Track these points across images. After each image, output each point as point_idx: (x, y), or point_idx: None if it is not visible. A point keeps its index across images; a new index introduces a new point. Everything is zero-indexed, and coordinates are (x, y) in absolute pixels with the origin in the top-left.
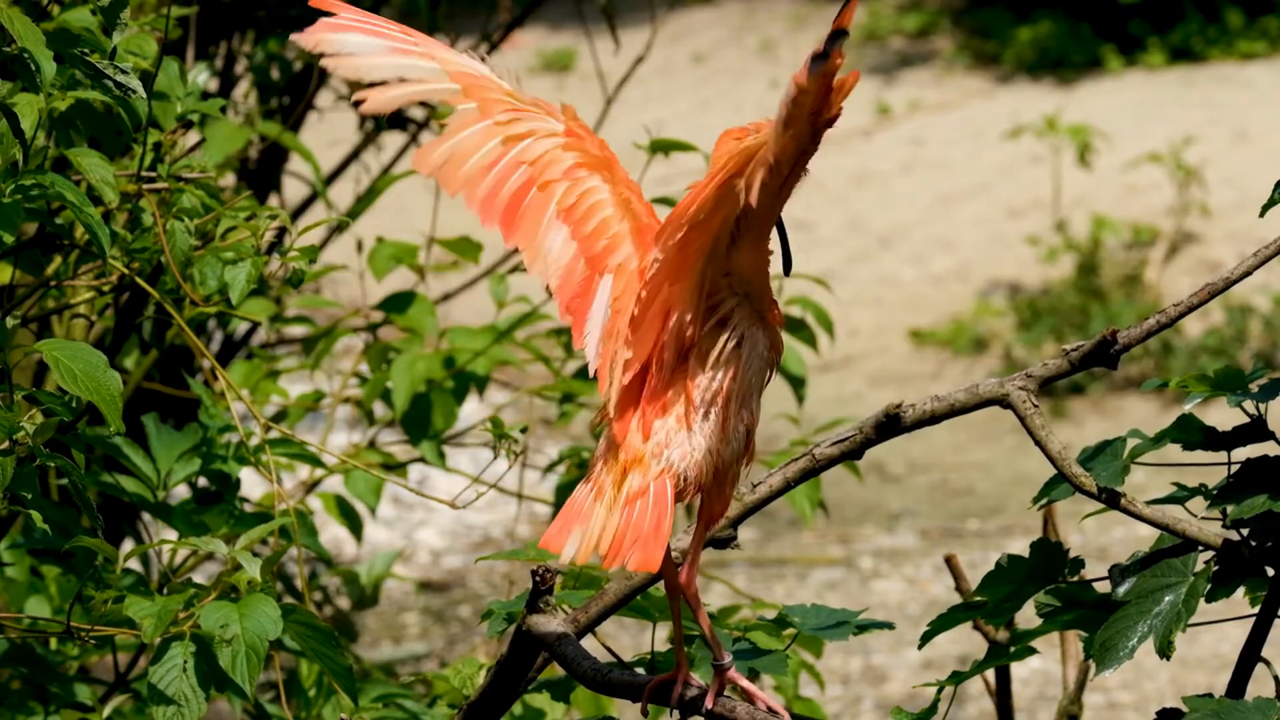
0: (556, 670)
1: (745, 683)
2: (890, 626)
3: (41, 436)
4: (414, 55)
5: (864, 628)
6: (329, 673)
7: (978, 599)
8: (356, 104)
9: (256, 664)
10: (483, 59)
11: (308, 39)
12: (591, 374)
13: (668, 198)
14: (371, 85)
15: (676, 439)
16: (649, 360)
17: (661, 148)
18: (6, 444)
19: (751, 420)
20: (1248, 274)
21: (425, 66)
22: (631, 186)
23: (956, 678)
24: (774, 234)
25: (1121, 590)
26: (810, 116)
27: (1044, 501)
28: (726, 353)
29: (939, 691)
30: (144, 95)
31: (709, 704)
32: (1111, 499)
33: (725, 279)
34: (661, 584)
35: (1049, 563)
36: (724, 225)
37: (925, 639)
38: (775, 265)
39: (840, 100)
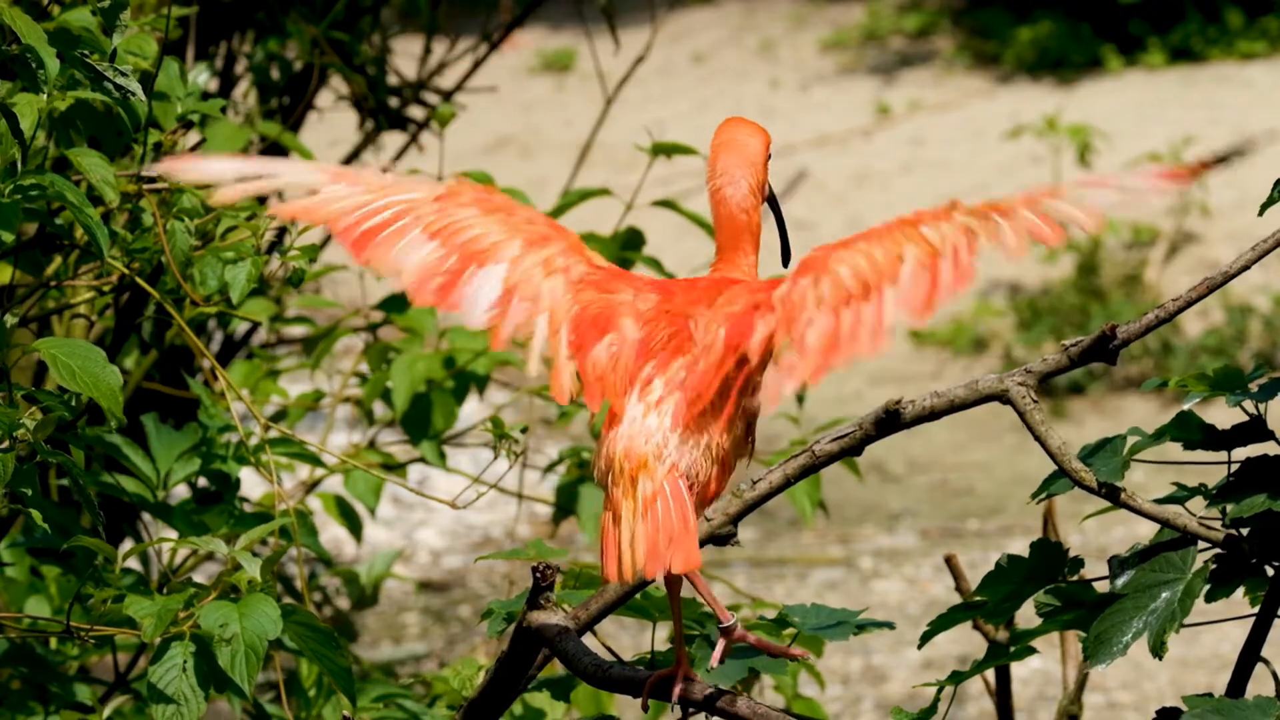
0: (556, 669)
1: (754, 638)
2: (890, 626)
3: (42, 432)
4: (291, 168)
5: (864, 627)
6: (328, 674)
7: (977, 599)
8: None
9: (255, 663)
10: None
11: (163, 165)
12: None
13: (669, 200)
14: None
15: (673, 440)
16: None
17: (662, 151)
18: (6, 441)
19: (751, 409)
20: (1246, 268)
21: (292, 170)
22: (527, 214)
23: (956, 677)
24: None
25: (1120, 582)
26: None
27: (1043, 496)
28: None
29: (939, 691)
30: (144, 98)
31: (714, 663)
32: (1111, 494)
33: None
34: (661, 581)
35: (1049, 563)
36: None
37: (924, 639)
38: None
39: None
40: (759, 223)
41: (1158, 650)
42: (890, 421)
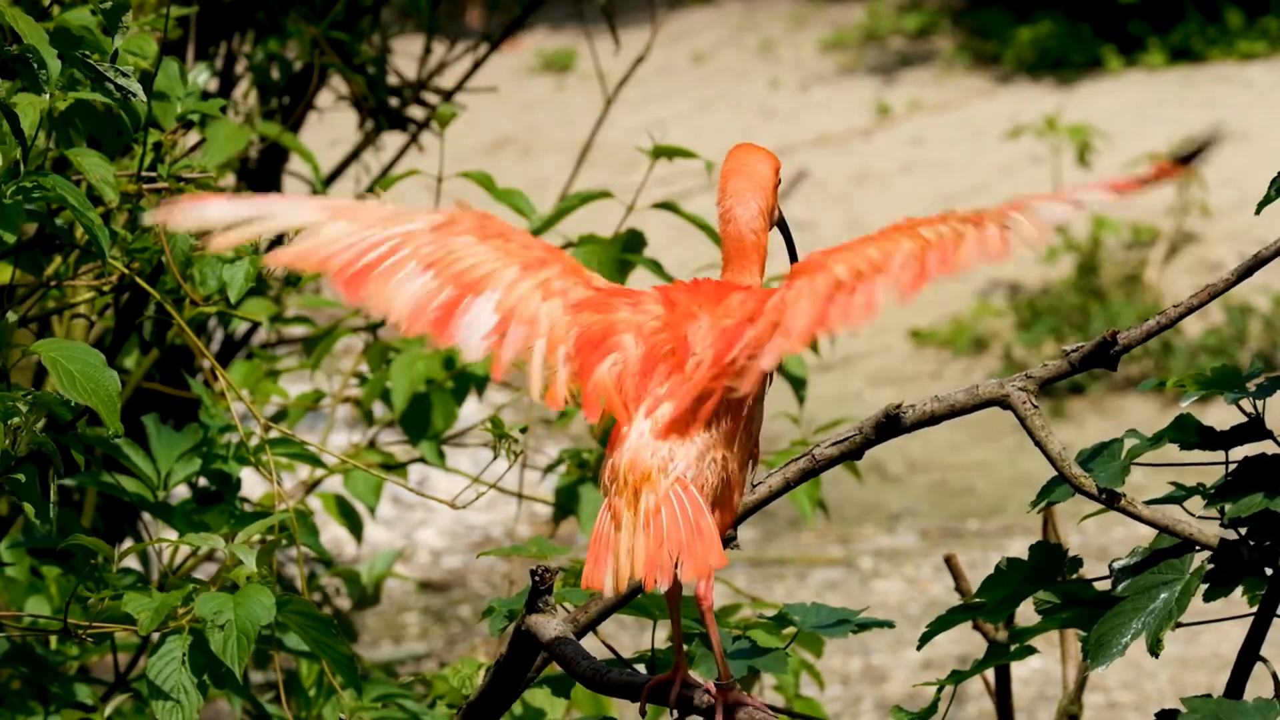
0: (553, 668)
1: (750, 700)
2: (890, 625)
3: (36, 415)
4: (288, 208)
5: (864, 625)
6: (330, 662)
7: (977, 600)
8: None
9: (247, 646)
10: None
11: (160, 213)
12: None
13: (670, 202)
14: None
15: (681, 451)
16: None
17: (663, 153)
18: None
19: (756, 427)
20: (1246, 275)
21: (289, 210)
22: (523, 240)
23: (956, 677)
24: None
25: (1121, 588)
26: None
27: (1043, 505)
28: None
29: (939, 691)
30: (144, 98)
31: None
32: (1111, 500)
33: None
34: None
35: (1048, 564)
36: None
37: (924, 640)
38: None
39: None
40: (766, 245)
41: (1154, 649)
42: (891, 426)
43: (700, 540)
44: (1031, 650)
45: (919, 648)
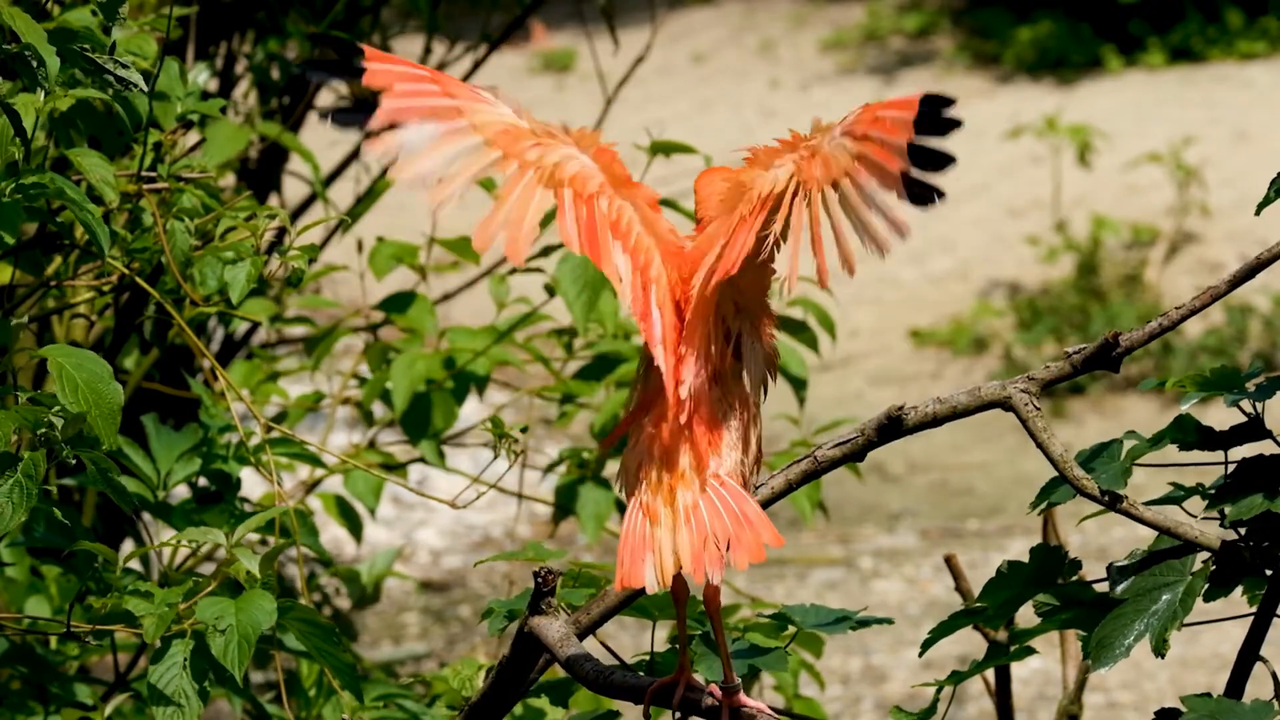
0: (557, 671)
1: (754, 703)
2: (889, 621)
3: (71, 430)
4: (459, 138)
5: (864, 623)
6: (331, 669)
7: (978, 605)
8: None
9: (247, 650)
10: (495, 92)
11: (374, 147)
12: (657, 388)
13: (670, 200)
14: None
15: (711, 452)
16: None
17: (662, 149)
18: (13, 440)
19: (760, 431)
20: (1247, 278)
21: (469, 145)
22: (649, 198)
23: (956, 678)
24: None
25: (1120, 589)
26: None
27: (1044, 506)
28: (739, 370)
29: (938, 691)
30: (145, 89)
31: None
32: (1114, 502)
33: (733, 302)
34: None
35: (1048, 567)
36: (749, 264)
37: (925, 646)
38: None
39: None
40: None
41: (1160, 649)
42: (893, 428)
43: (749, 526)
44: (1031, 651)
45: (921, 654)
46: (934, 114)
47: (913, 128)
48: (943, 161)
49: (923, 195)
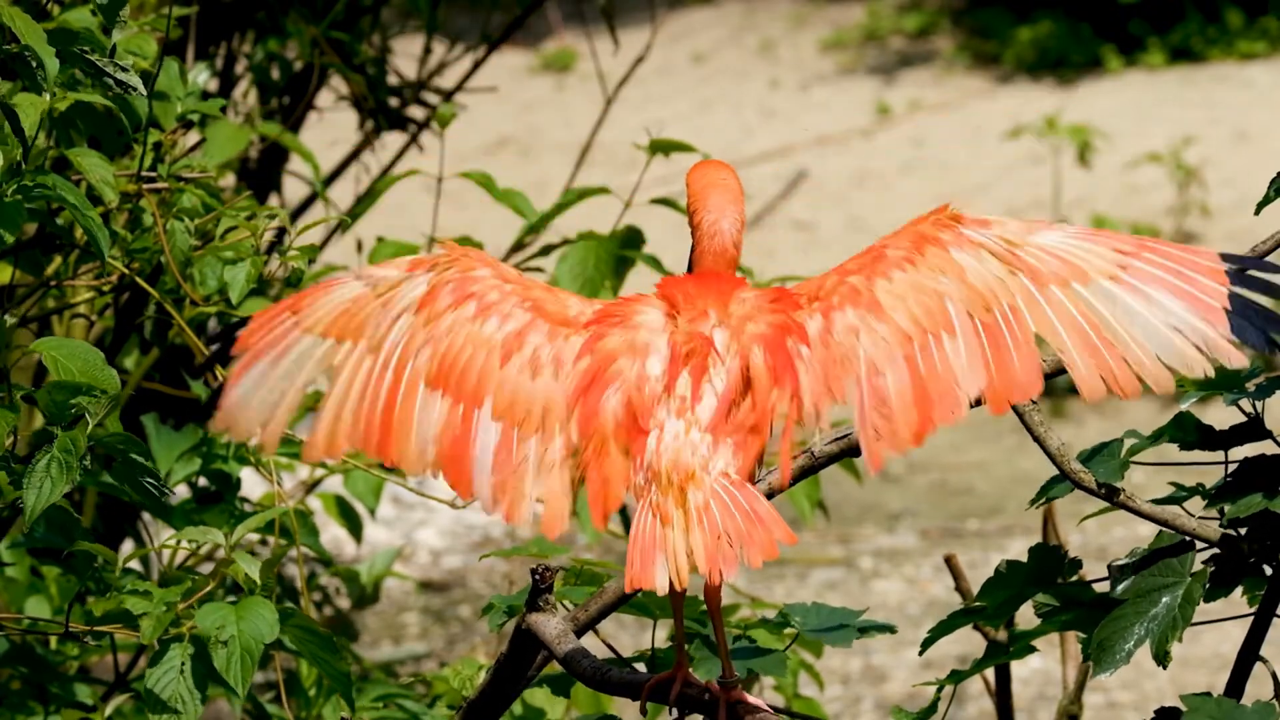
0: (554, 667)
1: (752, 699)
2: (892, 630)
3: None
4: (285, 355)
5: (865, 631)
6: (329, 678)
7: (977, 604)
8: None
9: (250, 666)
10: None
11: (218, 428)
12: (490, 510)
13: (668, 199)
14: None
15: (716, 452)
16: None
17: (661, 149)
18: (11, 439)
19: (760, 451)
20: None
21: (295, 356)
22: (509, 277)
23: (955, 677)
24: None
25: (1120, 589)
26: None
27: (1043, 501)
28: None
29: (938, 691)
30: (144, 92)
31: None
32: (1110, 495)
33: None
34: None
35: (1048, 566)
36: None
37: (925, 645)
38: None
39: None
40: (738, 258)
41: (1161, 660)
42: None
43: (761, 525)
44: (1031, 649)
45: (920, 653)
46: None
47: (1223, 275)
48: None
49: (1257, 335)
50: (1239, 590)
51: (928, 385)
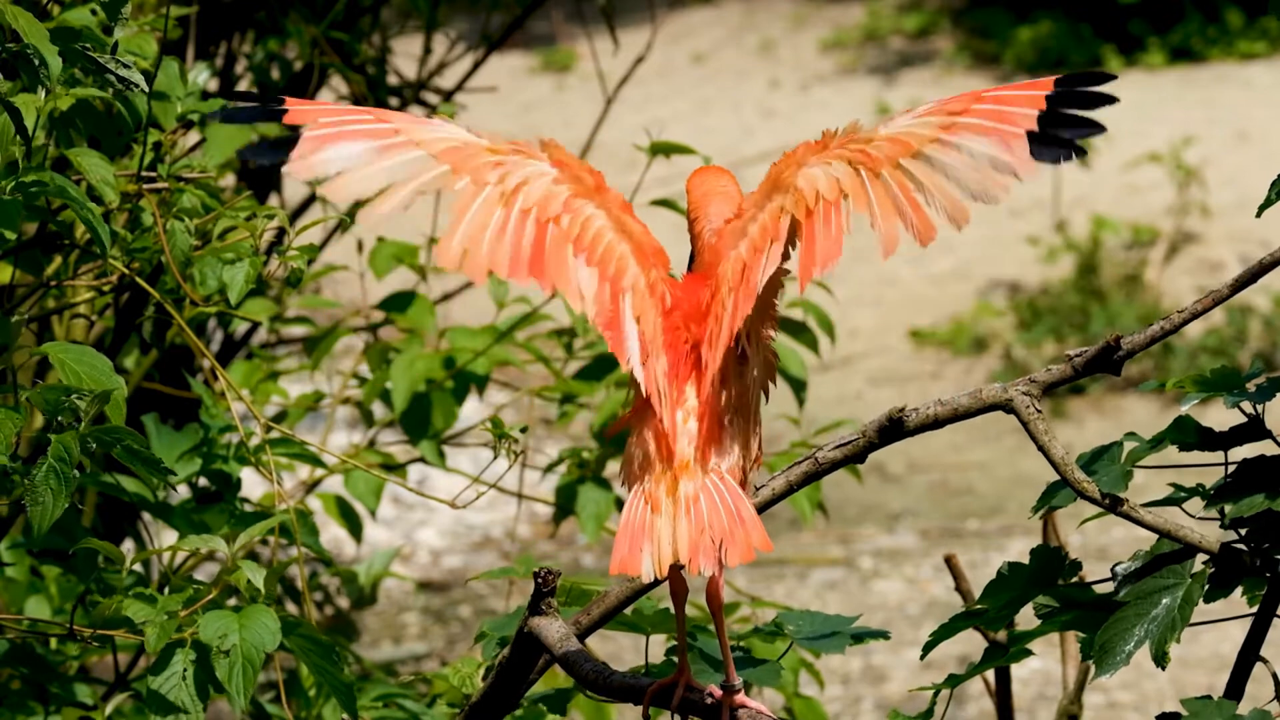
0: (555, 674)
1: (754, 704)
2: (886, 636)
3: (94, 410)
4: (399, 150)
5: (860, 638)
6: (329, 687)
7: (979, 607)
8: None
9: (252, 676)
10: (448, 117)
11: (299, 169)
12: (644, 394)
13: (668, 200)
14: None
15: (714, 445)
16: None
17: (661, 150)
18: (12, 440)
19: (760, 431)
20: (1250, 282)
21: (412, 158)
22: (622, 205)
23: (953, 681)
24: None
25: (1123, 592)
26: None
27: (1045, 510)
28: (741, 371)
29: (935, 695)
30: (145, 89)
31: None
32: (1115, 505)
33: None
34: (665, 585)
35: (1048, 569)
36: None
37: (927, 649)
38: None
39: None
40: None
41: (1160, 660)
42: (894, 430)
43: (742, 526)
44: (1028, 653)
45: (922, 657)
46: (1074, 90)
47: (1043, 101)
48: (1083, 124)
49: (1054, 152)
50: (1239, 590)
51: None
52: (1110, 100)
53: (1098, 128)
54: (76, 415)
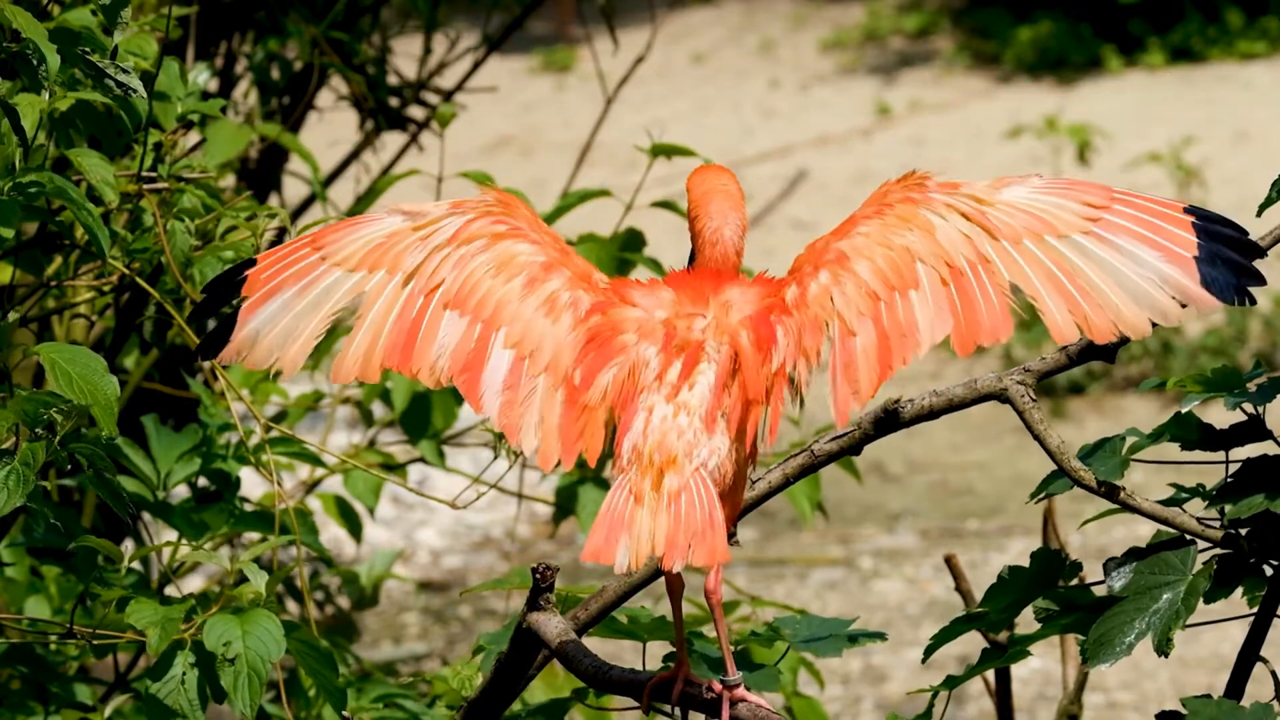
0: (555, 674)
1: (754, 698)
2: (882, 638)
3: (67, 426)
4: (315, 284)
5: (856, 640)
6: (323, 692)
7: (979, 610)
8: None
9: (259, 686)
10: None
11: (228, 354)
12: (496, 426)
13: (669, 201)
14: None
15: (703, 440)
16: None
17: (661, 152)
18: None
19: (755, 427)
20: None
21: (325, 286)
22: (540, 229)
23: (950, 682)
24: None
25: (1118, 585)
26: None
27: (1042, 496)
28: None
29: (933, 698)
30: (144, 94)
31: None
32: (1110, 493)
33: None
34: (662, 581)
35: (1049, 571)
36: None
37: (928, 652)
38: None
39: None
40: (740, 264)
41: (1163, 648)
42: (889, 421)
43: (712, 531)
44: (1025, 653)
45: (923, 660)
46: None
47: (1189, 225)
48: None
49: (1228, 292)
50: (1239, 590)
51: (890, 339)
52: (1260, 253)
53: (1259, 279)
54: (52, 427)
